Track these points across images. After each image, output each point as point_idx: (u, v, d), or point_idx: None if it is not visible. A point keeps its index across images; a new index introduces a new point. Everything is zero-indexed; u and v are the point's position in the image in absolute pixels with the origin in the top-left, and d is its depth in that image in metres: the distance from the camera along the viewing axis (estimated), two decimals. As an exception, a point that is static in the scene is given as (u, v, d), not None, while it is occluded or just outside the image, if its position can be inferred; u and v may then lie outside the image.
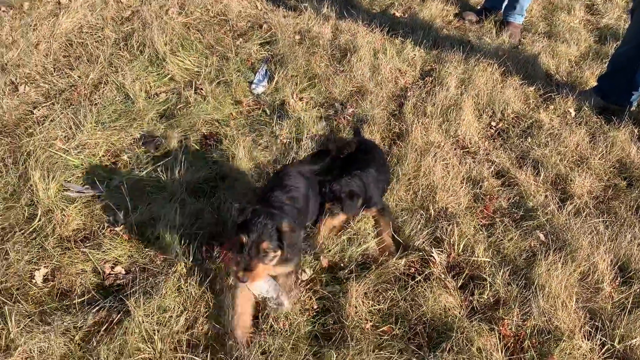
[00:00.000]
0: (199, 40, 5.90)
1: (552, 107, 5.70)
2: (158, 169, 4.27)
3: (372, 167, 4.10)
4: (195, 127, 4.83)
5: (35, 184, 3.86)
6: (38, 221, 3.72)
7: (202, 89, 5.22)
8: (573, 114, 5.64)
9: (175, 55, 5.56)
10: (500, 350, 3.19)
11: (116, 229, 3.76)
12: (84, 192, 4.05)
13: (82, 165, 4.29)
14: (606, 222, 4.25)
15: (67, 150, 4.36)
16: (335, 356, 3.06)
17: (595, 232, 4.09)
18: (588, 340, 3.36)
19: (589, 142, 5.22)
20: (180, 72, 5.45)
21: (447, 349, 3.17)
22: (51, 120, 4.62)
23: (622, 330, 3.40)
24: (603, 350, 3.33)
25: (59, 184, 4.01)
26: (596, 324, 3.47)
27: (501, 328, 3.37)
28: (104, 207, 3.94)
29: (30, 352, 2.97)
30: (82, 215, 3.87)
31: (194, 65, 5.57)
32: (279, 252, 2.88)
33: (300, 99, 5.28)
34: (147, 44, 5.61)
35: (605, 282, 3.74)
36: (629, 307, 3.55)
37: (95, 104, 4.89)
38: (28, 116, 4.74)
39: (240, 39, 6.09)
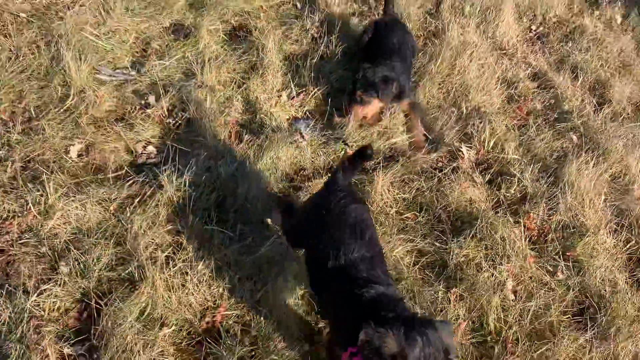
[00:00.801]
0: None
1: (598, 12, 5.41)
2: (188, 57, 4.22)
3: (395, 54, 3.99)
4: (225, 18, 4.72)
5: (68, 65, 3.87)
6: (71, 100, 3.76)
7: (232, -21, 5.05)
8: (619, 20, 5.36)
9: (205, -56, 5.34)
10: (523, 240, 3.22)
11: (148, 111, 3.79)
12: (115, 76, 4.05)
13: (112, 50, 4.26)
14: (643, 127, 4.14)
15: (98, 35, 4.32)
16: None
17: (631, 135, 3.99)
18: (613, 237, 3.37)
19: (634, 49, 4.99)
20: (211, -39, 5.26)
21: (470, 235, 3.22)
22: (81, 5, 4.54)
23: (648, 229, 3.40)
24: (627, 246, 3.34)
25: (90, 66, 4.01)
26: (622, 222, 3.46)
27: (526, 221, 3.38)
28: (135, 91, 3.95)
29: (68, 217, 3.09)
30: (114, 98, 3.89)
31: (224, -45, 5.36)
32: None
33: (334, -6, 5.09)
34: None
35: (636, 184, 3.69)
36: (658, 208, 3.53)
37: (125, -10, 4.78)
38: (58, 0, 4.68)
39: None
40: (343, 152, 3.73)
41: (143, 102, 3.88)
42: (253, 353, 2.67)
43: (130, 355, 2.51)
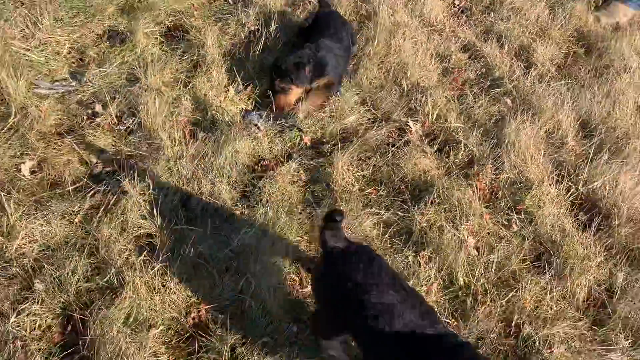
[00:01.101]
0: None
1: (513, -18, 5.74)
2: (129, 61, 4.19)
3: (327, 36, 4.15)
4: (158, 20, 4.69)
5: (4, 82, 3.74)
6: (14, 118, 3.64)
7: (159, -20, 5.00)
8: (533, -13, 5.73)
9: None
10: (477, 199, 3.45)
11: (97, 120, 3.74)
12: (54, 89, 3.96)
13: (47, 62, 4.15)
14: (568, 85, 4.48)
15: (29, 49, 4.19)
16: (328, 215, 3.26)
17: (558, 94, 4.32)
18: (555, 187, 3.67)
19: (549, 14, 5.35)
20: (135, -36, 5.18)
21: (430, 201, 3.42)
22: (5, 20, 4.38)
23: (584, 176, 3.72)
24: (569, 194, 3.65)
25: (28, 81, 3.89)
26: (562, 172, 3.77)
27: (477, 182, 3.62)
28: (79, 102, 3.88)
29: (33, 235, 3.04)
30: (58, 111, 3.80)
31: (148, -44, 5.29)
32: None
33: (264, -15, 5.15)
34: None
35: (569, 137, 4.02)
36: (590, 156, 3.86)
37: (51, 1, 4.64)
38: (-22, 17, 4.48)
39: None
40: (298, 138, 3.83)
41: (90, 111, 3.82)
42: (244, 340, 2.75)
43: (125, 358, 2.53)
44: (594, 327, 3.00)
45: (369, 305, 2.17)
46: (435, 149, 3.89)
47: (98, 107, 3.82)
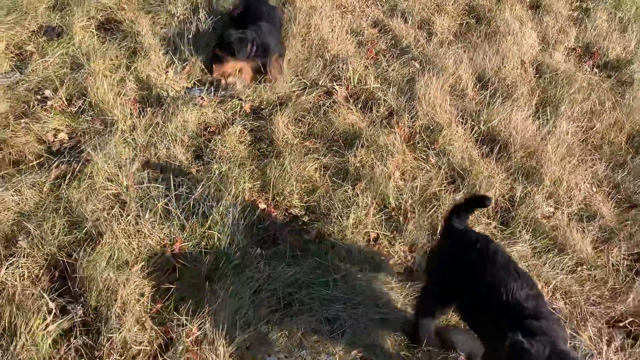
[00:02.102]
0: None
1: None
2: (71, 50, 4.45)
3: (264, 19, 4.65)
4: (90, 15, 4.96)
5: (-50, 77, 3.92)
6: (-34, 108, 3.84)
7: (87, -22, 5.27)
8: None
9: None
10: (399, 141, 4.06)
11: (48, 103, 4.00)
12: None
13: (-15, 58, 4.34)
14: (464, 47, 5.23)
15: (-36, 47, 4.36)
16: (275, 163, 3.74)
17: (457, 55, 5.05)
18: (462, 127, 4.36)
19: (443, -7, 6.13)
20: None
21: (360, 145, 3.98)
22: (-62, 21, 4.51)
23: (484, 117, 4.44)
24: (472, 131, 4.35)
25: (-30, 76, 4.08)
26: (465, 116, 4.47)
27: (398, 129, 4.23)
28: (27, 89, 4.12)
29: (6, 205, 3.29)
30: (7, 100, 4.02)
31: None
32: None
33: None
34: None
35: (469, 88, 4.75)
36: (487, 101, 4.60)
37: (-21, 2, 4.80)
38: None
39: None
40: (239, 106, 4.28)
41: (39, 97, 4.07)
42: (216, 266, 3.16)
43: (115, 289, 2.87)
44: (502, 226, 3.68)
45: (483, 279, 2.54)
46: (359, 106, 4.47)
47: (48, 92, 4.08)
